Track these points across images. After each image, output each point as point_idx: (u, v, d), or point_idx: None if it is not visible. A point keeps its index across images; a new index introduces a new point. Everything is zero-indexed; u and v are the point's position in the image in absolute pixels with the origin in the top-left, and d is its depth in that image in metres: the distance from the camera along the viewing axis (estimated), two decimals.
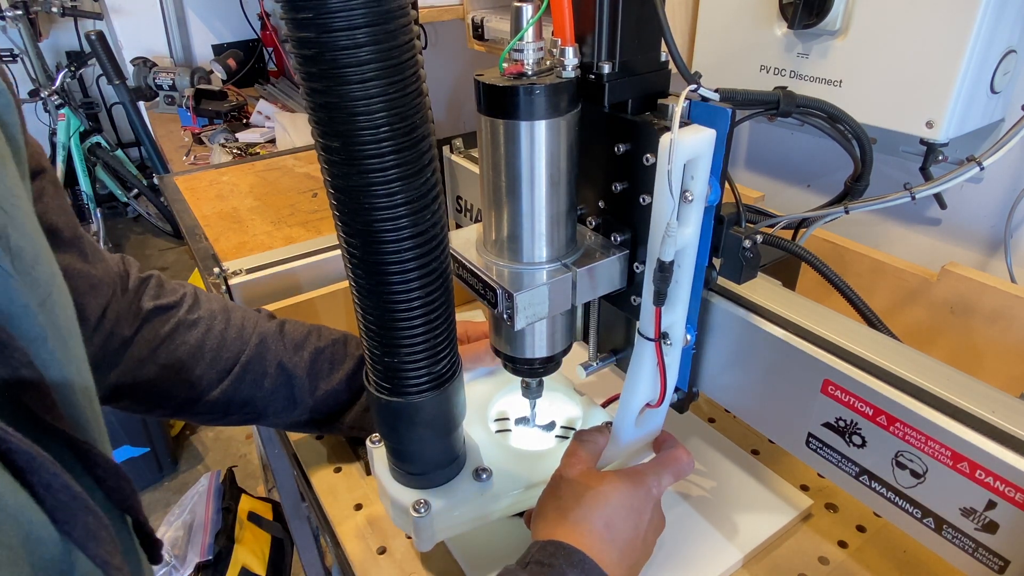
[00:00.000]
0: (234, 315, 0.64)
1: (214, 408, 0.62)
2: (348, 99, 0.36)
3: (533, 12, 0.46)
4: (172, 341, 0.60)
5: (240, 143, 1.89)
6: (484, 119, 0.49)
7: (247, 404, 0.63)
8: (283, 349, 0.64)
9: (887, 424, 0.47)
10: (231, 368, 0.62)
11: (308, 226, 1.13)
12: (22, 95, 2.91)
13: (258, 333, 0.64)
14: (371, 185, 0.39)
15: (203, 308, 0.63)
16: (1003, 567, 0.43)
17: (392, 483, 0.57)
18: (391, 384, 0.49)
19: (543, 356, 0.58)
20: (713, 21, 0.80)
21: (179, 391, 0.61)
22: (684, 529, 0.62)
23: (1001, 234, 0.76)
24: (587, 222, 0.57)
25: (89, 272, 0.54)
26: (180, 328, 0.60)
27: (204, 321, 0.62)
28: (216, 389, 0.62)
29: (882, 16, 0.65)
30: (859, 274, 0.78)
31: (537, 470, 0.61)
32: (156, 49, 2.61)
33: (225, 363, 0.62)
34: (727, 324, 0.57)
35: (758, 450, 0.72)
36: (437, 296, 0.45)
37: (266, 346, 0.64)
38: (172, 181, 1.36)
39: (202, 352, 0.61)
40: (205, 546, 1.45)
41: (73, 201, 3.50)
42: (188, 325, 0.61)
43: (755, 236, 0.50)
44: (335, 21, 0.34)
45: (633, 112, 0.51)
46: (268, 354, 0.63)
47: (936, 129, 0.64)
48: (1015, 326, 0.67)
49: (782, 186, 1.00)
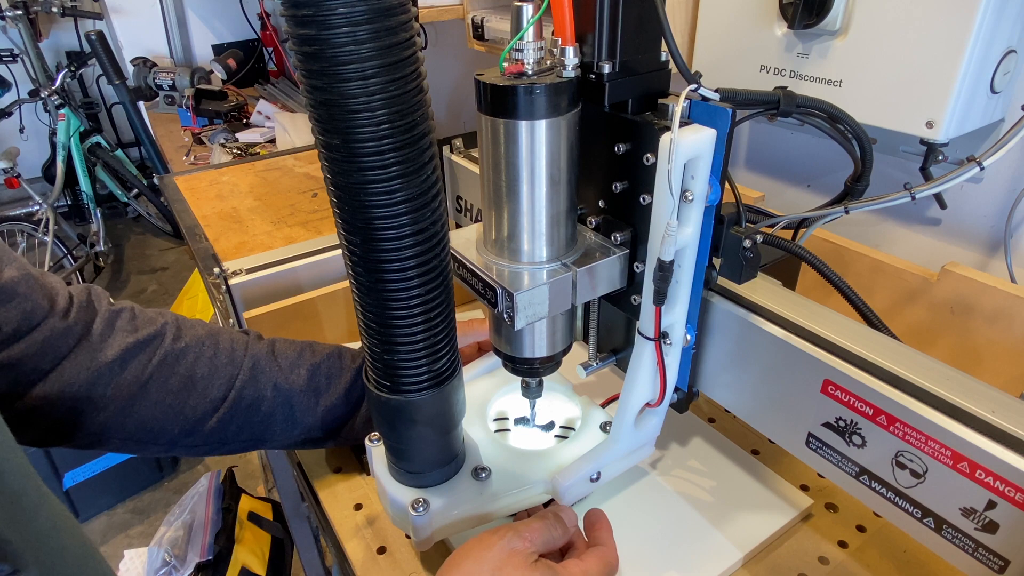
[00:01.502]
0: (222, 339, 0.62)
1: (211, 438, 0.60)
2: (348, 96, 0.37)
3: (533, 12, 0.46)
4: (160, 374, 0.57)
5: (240, 143, 1.89)
6: (484, 119, 0.49)
7: (245, 430, 0.61)
8: (278, 370, 0.62)
9: (887, 424, 0.47)
10: (225, 395, 0.60)
11: (308, 226, 1.13)
12: (22, 95, 2.91)
13: (250, 356, 0.62)
14: (371, 182, 0.39)
15: (188, 336, 0.60)
16: (1003, 567, 0.43)
17: (391, 482, 0.57)
18: (390, 382, 0.49)
19: (543, 356, 0.58)
20: (713, 21, 0.80)
21: (173, 425, 0.58)
22: (684, 529, 0.62)
23: (1001, 234, 0.76)
24: (587, 222, 0.57)
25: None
26: (168, 360, 0.58)
27: (192, 349, 0.59)
28: (212, 419, 0.59)
29: (882, 16, 0.65)
30: (859, 274, 0.78)
31: (536, 470, 0.61)
32: (156, 49, 2.61)
33: (218, 390, 0.59)
34: (727, 324, 0.57)
35: (758, 450, 0.72)
36: (437, 294, 0.45)
37: (260, 368, 0.61)
38: (172, 181, 1.36)
39: (193, 382, 0.58)
40: (205, 546, 1.45)
41: (73, 201, 3.51)
42: (176, 355, 0.58)
43: (755, 236, 0.50)
44: (336, 18, 0.34)
45: (633, 112, 0.51)
46: (262, 377, 0.61)
47: (936, 129, 0.64)
48: (1015, 326, 0.67)
49: (782, 186, 1.00)
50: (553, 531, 0.53)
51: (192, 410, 0.58)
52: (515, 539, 0.50)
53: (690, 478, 0.68)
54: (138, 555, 1.42)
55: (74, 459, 1.92)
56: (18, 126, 3.12)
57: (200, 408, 0.59)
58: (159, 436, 0.58)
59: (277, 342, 0.65)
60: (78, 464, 1.94)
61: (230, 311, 0.87)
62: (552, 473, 0.60)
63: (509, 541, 0.49)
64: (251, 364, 0.61)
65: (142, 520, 2.04)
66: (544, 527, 0.52)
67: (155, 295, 3.16)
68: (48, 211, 2.87)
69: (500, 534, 0.50)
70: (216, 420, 0.59)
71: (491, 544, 0.49)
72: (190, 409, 0.58)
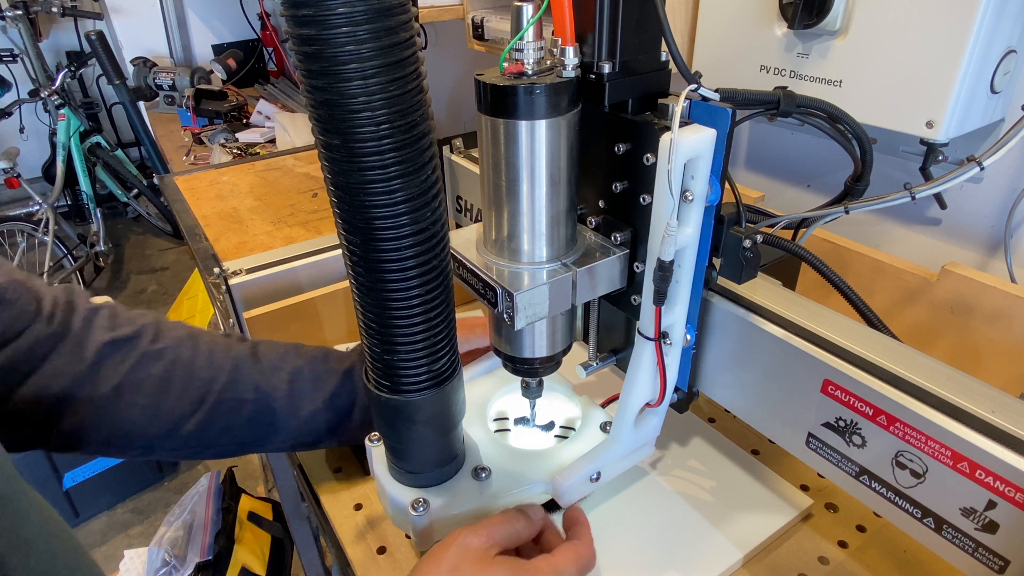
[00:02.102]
0: (202, 341, 0.60)
1: (190, 442, 0.58)
2: (349, 96, 0.37)
3: (533, 12, 0.46)
4: (135, 375, 0.56)
5: (240, 143, 1.90)
6: (484, 119, 0.49)
7: (225, 434, 0.59)
8: (259, 372, 0.60)
9: (887, 424, 0.47)
10: (203, 397, 0.58)
11: (308, 226, 1.13)
12: (22, 95, 2.91)
13: (231, 358, 0.60)
14: (371, 182, 0.39)
15: (167, 337, 0.58)
16: (1003, 567, 0.43)
17: (391, 482, 0.57)
18: (390, 382, 0.49)
19: (543, 356, 0.58)
20: (713, 21, 0.80)
21: (150, 428, 0.56)
22: (684, 529, 0.62)
23: (1001, 234, 0.76)
24: (587, 222, 0.57)
25: None
26: (144, 360, 0.56)
27: (170, 351, 0.57)
28: (189, 422, 0.57)
29: (882, 16, 0.65)
30: (859, 274, 0.78)
31: (536, 470, 0.61)
32: (156, 49, 2.61)
33: (197, 393, 0.57)
34: (727, 324, 0.57)
35: (758, 450, 0.72)
36: (437, 294, 0.45)
37: (240, 371, 0.59)
38: (172, 181, 1.36)
39: (170, 383, 0.57)
40: (205, 546, 1.45)
41: (73, 201, 3.51)
42: (152, 356, 0.57)
43: (755, 236, 0.50)
44: (336, 18, 0.34)
45: (633, 112, 0.51)
46: (243, 379, 0.59)
47: (936, 129, 0.64)
48: (1015, 326, 0.67)
49: (782, 186, 1.00)
50: (515, 524, 0.52)
51: (168, 413, 0.57)
52: (470, 536, 0.49)
53: (690, 478, 0.68)
54: (138, 555, 1.42)
55: (74, 459, 1.92)
56: (18, 126, 3.12)
57: (177, 411, 0.57)
58: (135, 439, 0.57)
59: (261, 344, 0.63)
60: (78, 464, 1.94)
61: (230, 311, 0.87)
62: (552, 473, 0.60)
63: (465, 538, 0.49)
64: (232, 366, 0.59)
65: (142, 520, 2.04)
66: (504, 521, 0.52)
67: (155, 295, 3.16)
68: (48, 211, 2.87)
69: (456, 533, 0.50)
70: (194, 424, 0.57)
71: (447, 544, 0.49)
72: (166, 412, 0.57)
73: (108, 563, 1.84)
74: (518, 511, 0.54)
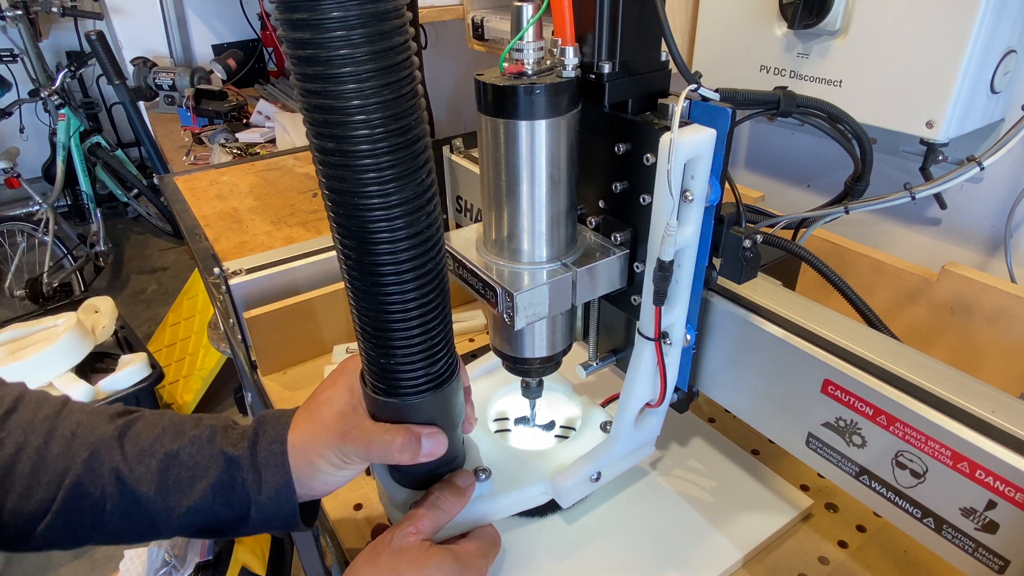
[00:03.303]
0: (63, 424, 0.50)
1: (58, 539, 0.49)
2: (343, 100, 0.36)
3: (533, 12, 0.46)
4: None
5: (240, 143, 1.90)
6: (484, 119, 0.49)
7: (97, 530, 0.49)
8: (121, 459, 0.49)
9: (887, 424, 0.47)
10: (55, 494, 0.48)
11: (308, 226, 1.13)
12: (22, 95, 2.91)
13: (88, 444, 0.49)
14: (366, 186, 0.39)
15: (16, 420, 0.49)
16: (1003, 567, 0.43)
17: (391, 483, 0.57)
18: (387, 385, 0.49)
19: (543, 356, 0.58)
20: (713, 21, 0.80)
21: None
22: (684, 529, 0.62)
23: (1001, 234, 0.76)
24: (587, 222, 0.57)
25: None
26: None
27: (12, 439, 0.48)
28: (42, 523, 0.48)
29: (882, 16, 0.65)
30: (859, 274, 0.78)
31: (536, 470, 0.61)
32: (156, 49, 2.61)
33: (47, 490, 0.48)
34: (727, 324, 0.57)
35: (758, 450, 0.72)
36: (433, 297, 0.45)
37: (98, 458, 0.49)
38: (172, 181, 1.36)
39: (11, 479, 0.47)
40: (205, 546, 1.45)
41: (73, 201, 3.51)
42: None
43: (755, 236, 0.50)
44: (330, 22, 0.34)
45: (633, 112, 0.51)
46: (101, 468, 0.49)
47: (936, 129, 0.64)
48: (1015, 326, 0.67)
49: (782, 186, 1.00)
50: (441, 507, 0.52)
51: (13, 513, 0.48)
52: (400, 536, 0.49)
53: (690, 478, 0.68)
54: (138, 555, 1.42)
55: None
56: (18, 126, 3.13)
57: (26, 509, 0.48)
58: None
59: (140, 421, 0.52)
60: None
61: (230, 311, 0.87)
62: (552, 473, 0.60)
63: (396, 540, 0.49)
64: (88, 453, 0.49)
65: None
66: (428, 510, 0.52)
67: (155, 295, 3.16)
68: (48, 211, 2.87)
69: (385, 537, 0.49)
70: (50, 522, 0.48)
71: (380, 549, 0.49)
72: (8, 513, 0.48)
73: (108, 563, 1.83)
74: (444, 484, 0.54)
